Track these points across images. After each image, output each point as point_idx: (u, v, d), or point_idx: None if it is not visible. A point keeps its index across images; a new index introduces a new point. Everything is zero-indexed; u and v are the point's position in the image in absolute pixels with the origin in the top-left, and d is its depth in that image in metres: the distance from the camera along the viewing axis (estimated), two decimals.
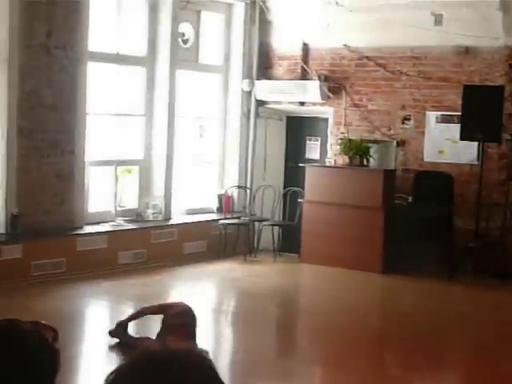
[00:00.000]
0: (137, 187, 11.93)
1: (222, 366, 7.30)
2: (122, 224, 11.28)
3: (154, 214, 11.73)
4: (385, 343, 8.46)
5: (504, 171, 11.54)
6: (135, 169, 11.95)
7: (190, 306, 7.25)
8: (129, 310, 9.35)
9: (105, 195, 11.49)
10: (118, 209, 11.55)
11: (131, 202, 11.90)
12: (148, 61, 11.81)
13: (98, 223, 11.10)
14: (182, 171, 12.52)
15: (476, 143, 11.42)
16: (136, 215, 11.64)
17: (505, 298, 10.37)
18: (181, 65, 12.16)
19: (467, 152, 11.69)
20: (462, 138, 11.29)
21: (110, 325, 8.97)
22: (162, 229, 11.67)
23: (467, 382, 7.49)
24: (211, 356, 7.17)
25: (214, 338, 8.54)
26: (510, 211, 11.35)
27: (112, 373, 1.72)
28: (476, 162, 11.57)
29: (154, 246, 11.41)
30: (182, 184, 12.54)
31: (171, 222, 11.95)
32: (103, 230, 10.96)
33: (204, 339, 7.64)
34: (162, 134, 11.85)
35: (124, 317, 7.74)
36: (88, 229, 10.83)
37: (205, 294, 10.35)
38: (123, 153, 11.69)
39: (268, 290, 10.41)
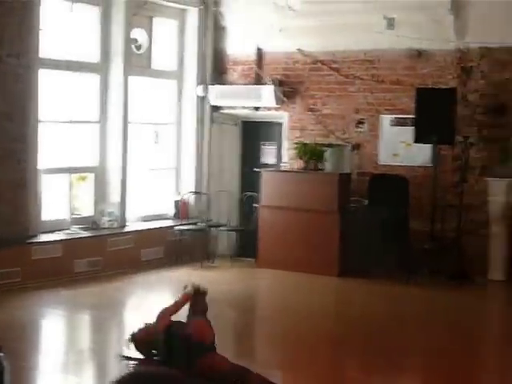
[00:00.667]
0: (92, 194, 11.83)
1: None
2: (77, 232, 11.18)
3: (109, 221, 11.65)
4: (342, 346, 8.48)
5: (458, 173, 11.65)
6: (90, 176, 11.85)
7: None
8: (86, 319, 9.28)
9: (59, 203, 11.38)
10: (73, 216, 11.45)
11: (86, 209, 11.80)
12: (101, 67, 11.73)
13: (52, 231, 10.99)
14: (137, 178, 12.46)
15: (430, 145, 11.52)
16: (91, 223, 11.55)
17: (461, 298, 10.47)
18: (134, 71, 12.11)
19: (421, 154, 11.79)
20: (416, 141, 11.38)
21: (66, 335, 8.89)
22: (118, 236, 11.59)
23: (424, 382, 7.54)
24: None
25: None
26: (465, 212, 11.46)
27: None
28: (430, 165, 11.67)
29: (110, 253, 11.33)
30: (137, 191, 12.47)
31: (127, 229, 11.88)
32: (58, 238, 10.85)
33: None
34: (116, 140, 11.77)
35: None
36: (43, 237, 10.71)
37: (162, 300, 10.27)
38: (77, 160, 11.59)
39: (225, 295, 10.37)
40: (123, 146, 11.79)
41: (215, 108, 13.29)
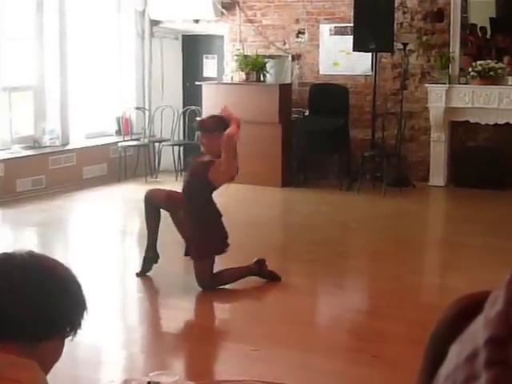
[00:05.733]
0: (32, 113, 11.68)
1: (133, 281, 7.33)
2: (18, 151, 11.08)
3: (51, 139, 11.55)
4: (286, 253, 8.63)
5: (397, 80, 11.73)
6: (29, 94, 11.67)
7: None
8: (33, 236, 9.27)
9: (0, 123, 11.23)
10: (14, 136, 11.33)
11: (27, 128, 11.66)
12: None
13: None
14: (78, 95, 12.31)
15: (370, 54, 11.54)
16: (33, 142, 11.45)
17: (401, 204, 10.65)
18: None
19: (362, 63, 11.82)
20: (355, 49, 11.38)
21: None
22: (60, 154, 11.51)
23: (367, 285, 7.72)
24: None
25: (122, 257, 8.57)
26: (405, 120, 11.58)
27: None
28: (370, 73, 11.71)
29: (52, 171, 11.27)
30: (79, 108, 12.33)
31: (69, 146, 11.79)
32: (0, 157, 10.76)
33: (111, 259, 7.67)
34: (54, 57, 11.58)
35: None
36: None
37: (108, 216, 10.32)
38: (16, 79, 11.41)
39: None
40: (61, 62, 11.61)
41: (155, 22, 13.12)
